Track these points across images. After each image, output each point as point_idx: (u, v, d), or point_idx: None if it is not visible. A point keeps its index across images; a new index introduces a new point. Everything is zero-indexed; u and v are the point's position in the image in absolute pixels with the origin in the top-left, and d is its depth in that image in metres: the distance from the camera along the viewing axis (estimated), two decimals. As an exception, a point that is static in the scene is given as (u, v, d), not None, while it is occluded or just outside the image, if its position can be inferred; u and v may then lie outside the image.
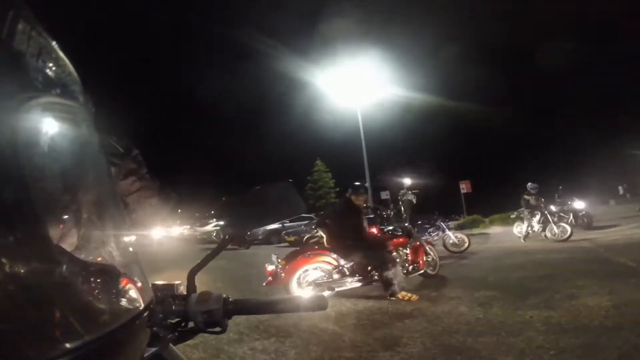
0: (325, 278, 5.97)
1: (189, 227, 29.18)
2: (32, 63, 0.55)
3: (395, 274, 5.75)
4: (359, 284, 6.02)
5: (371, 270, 6.04)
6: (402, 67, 31.26)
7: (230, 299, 0.90)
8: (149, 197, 2.42)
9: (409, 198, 11.37)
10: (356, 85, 21.19)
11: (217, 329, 0.89)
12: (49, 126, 0.60)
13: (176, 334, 0.91)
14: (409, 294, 5.68)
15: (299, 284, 5.89)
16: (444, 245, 10.76)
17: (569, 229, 11.36)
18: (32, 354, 0.43)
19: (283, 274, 5.83)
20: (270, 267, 5.96)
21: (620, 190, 24.88)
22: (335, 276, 6.00)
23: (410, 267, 6.75)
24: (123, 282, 0.74)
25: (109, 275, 0.72)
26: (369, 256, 5.97)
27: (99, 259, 0.75)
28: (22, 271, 0.45)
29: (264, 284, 5.95)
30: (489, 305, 4.93)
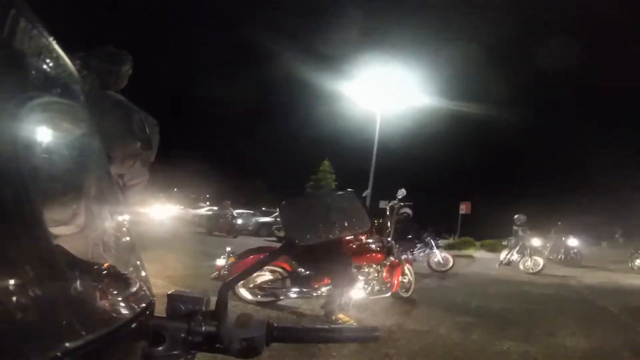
0: (276, 283, 5.59)
1: (182, 207, 29.06)
2: (33, 63, 0.54)
3: (343, 295, 5.26)
4: (307, 295, 5.54)
5: (327, 283, 5.47)
6: (428, 74, 31.01)
7: (275, 324, 0.78)
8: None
9: (405, 211, 11.38)
10: (379, 90, 21.06)
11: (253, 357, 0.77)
12: (49, 126, 0.59)
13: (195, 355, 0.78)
14: (347, 318, 5.16)
15: (245, 284, 5.46)
16: (428, 263, 10.72)
17: (541, 262, 11.57)
18: (32, 354, 0.41)
19: (227, 272, 5.32)
20: (220, 262, 5.56)
21: (616, 233, 24.84)
22: (287, 282, 5.57)
23: (377, 287, 5.94)
24: (123, 282, 0.73)
25: (110, 274, 0.71)
26: (332, 270, 5.32)
27: (100, 258, 0.75)
28: (22, 271, 0.44)
29: (211, 277, 5.45)
30: (469, 332, 4.94)
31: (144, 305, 0.72)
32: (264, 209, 24.14)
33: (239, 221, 19.54)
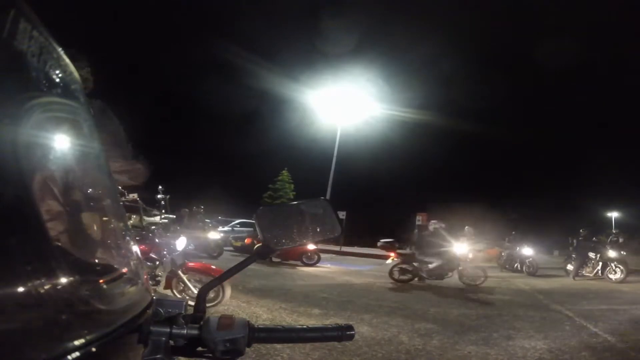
0: None
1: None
2: (33, 63, 0.54)
3: None
4: None
5: None
6: (389, 85, 31.70)
7: (256, 326, 0.80)
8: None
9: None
10: (339, 101, 21.38)
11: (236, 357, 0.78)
12: (49, 126, 0.59)
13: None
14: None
15: None
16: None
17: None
18: (32, 354, 0.42)
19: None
20: None
21: (571, 242, 26.23)
22: None
23: None
24: (123, 283, 0.74)
25: (109, 275, 0.71)
26: None
27: (99, 259, 0.74)
28: (22, 271, 0.44)
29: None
30: (429, 337, 4.90)
31: (144, 306, 0.74)
32: (220, 217, 23.38)
33: (277, 251, 18.99)
